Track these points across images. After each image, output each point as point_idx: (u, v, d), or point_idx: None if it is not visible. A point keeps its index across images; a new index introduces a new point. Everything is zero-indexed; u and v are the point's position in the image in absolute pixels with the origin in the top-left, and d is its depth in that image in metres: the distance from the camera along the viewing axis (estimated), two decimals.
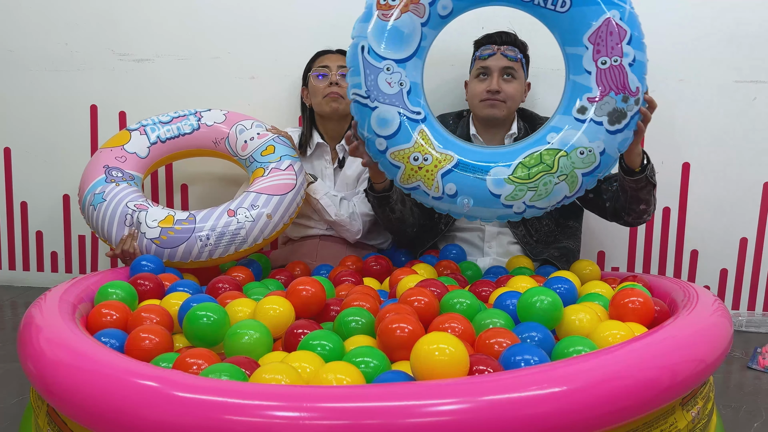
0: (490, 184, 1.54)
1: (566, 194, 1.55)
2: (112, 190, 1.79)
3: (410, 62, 1.55)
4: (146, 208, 1.74)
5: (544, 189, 1.53)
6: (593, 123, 1.52)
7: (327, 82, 1.96)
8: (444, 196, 1.56)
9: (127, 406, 0.85)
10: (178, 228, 1.69)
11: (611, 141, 1.52)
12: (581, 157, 1.52)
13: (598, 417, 0.89)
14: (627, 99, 1.50)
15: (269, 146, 1.91)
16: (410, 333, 1.12)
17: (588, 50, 1.52)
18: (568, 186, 1.54)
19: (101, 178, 1.82)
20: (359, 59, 1.55)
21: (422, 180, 1.56)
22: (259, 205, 1.74)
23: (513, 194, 1.54)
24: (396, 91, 1.54)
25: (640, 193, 1.69)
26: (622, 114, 1.51)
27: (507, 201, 1.54)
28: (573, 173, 1.53)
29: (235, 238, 1.70)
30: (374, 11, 1.54)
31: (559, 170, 1.53)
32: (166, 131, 1.96)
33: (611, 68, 1.50)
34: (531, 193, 1.53)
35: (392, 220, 1.83)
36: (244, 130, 1.96)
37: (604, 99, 1.51)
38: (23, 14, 2.31)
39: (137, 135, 1.94)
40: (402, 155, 1.56)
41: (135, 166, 1.90)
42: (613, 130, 1.52)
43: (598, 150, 1.52)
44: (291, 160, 1.87)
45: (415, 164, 1.55)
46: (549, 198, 1.55)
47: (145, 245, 1.69)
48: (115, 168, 1.86)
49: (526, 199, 1.54)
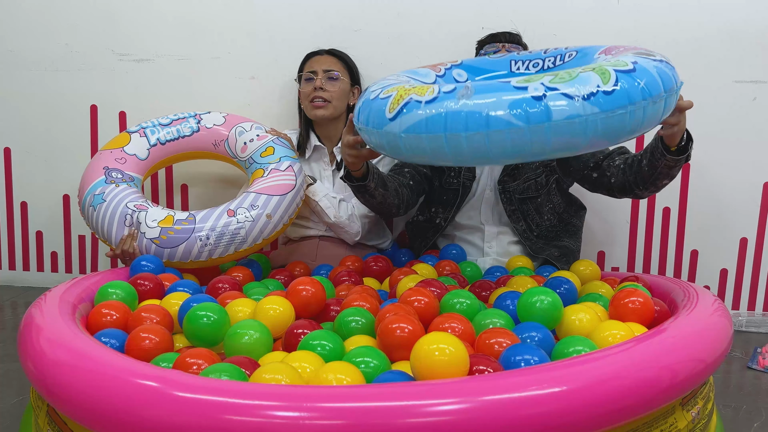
0: (494, 83, 1.20)
1: (599, 83, 1.15)
2: (112, 191, 1.79)
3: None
4: (146, 208, 1.74)
5: (566, 73, 1.17)
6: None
7: (312, 87, 1.96)
8: (440, 95, 1.20)
9: (127, 406, 0.85)
10: (177, 228, 1.69)
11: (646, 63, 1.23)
12: (610, 58, 1.28)
13: (598, 417, 0.89)
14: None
15: (269, 147, 1.91)
16: (410, 333, 1.12)
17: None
18: (598, 75, 1.17)
19: (101, 179, 1.82)
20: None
21: (414, 92, 1.23)
22: (259, 205, 1.74)
23: (526, 79, 1.18)
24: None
25: (672, 170, 1.59)
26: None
27: (519, 83, 1.16)
28: (601, 67, 1.19)
29: (235, 238, 1.70)
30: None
31: (586, 67, 1.20)
32: (165, 133, 1.96)
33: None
34: (549, 77, 1.17)
35: (374, 204, 1.82)
36: (243, 132, 1.96)
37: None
38: (23, 14, 2.31)
39: (137, 137, 1.94)
40: (393, 89, 1.28)
41: (135, 168, 1.90)
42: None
43: (629, 59, 1.22)
44: (290, 161, 1.87)
45: (408, 86, 1.28)
46: (575, 81, 1.15)
47: (144, 245, 1.69)
48: (115, 169, 1.86)
49: (545, 80, 1.16)
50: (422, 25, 2.16)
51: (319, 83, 1.95)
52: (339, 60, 2.01)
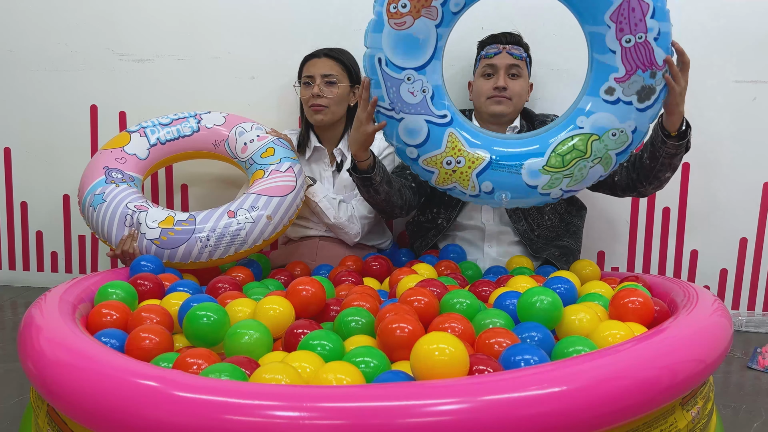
0: (525, 176, 1.56)
1: (601, 174, 1.57)
2: (112, 191, 1.79)
3: (429, 66, 1.53)
4: (146, 209, 1.74)
5: (580, 174, 1.55)
6: (623, 103, 1.50)
7: (310, 93, 1.95)
8: (481, 194, 1.59)
9: (127, 406, 0.85)
10: (178, 229, 1.69)
11: (642, 118, 1.51)
12: (613, 139, 1.53)
13: (598, 417, 0.89)
14: (655, 74, 1.47)
15: (269, 148, 1.91)
16: (410, 333, 1.12)
17: (611, 29, 1.46)
18: (602, 167, 1.56)
19: (101, 179, 1.82)
20: (378, 72, 1.52)
21: (458, 181, 1.58)
22: (259, 206, 1.74)
23: (549, 183, 1.56)
24: (419, 99, 1.53)
25: (674, 159, 1.64)
26: (651, 90, 1.49)
27: (544, 190, 1.57)
28: (607, 155, 1.54)
29: (235, 239, 1.70)
30: (385, 20, 1.48)
31: (593, 154, 1.54)
32: (165, 133, 1.96)
33: (636, 46, 1.46)
34: (567, 180, 1.56)
35: (378, 201, 1.81)
36: (243, 132, 1.96)
37: (632, 78, 1.48)
38: (23, 14, 2.31)
39: (137, 137, 1.94)
40: (434, 161, 1.58)
41: (135, 168, 1.90)
42: (643, 107, 1.50)
43: (629, 129, 1.52)
44: (291, 162, 1.87)
45: (449, 168, 1.57)
46: (585, 181, 1.58)
47: (145, 246, 1.69)
48: (115, 169, 1.86)
49: (563, 186, 1.57)
50: None
51: (317, 90, 1.93)
52: (337, 63, 1.98)
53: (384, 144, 2.02)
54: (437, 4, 1.49)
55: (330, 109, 1.96)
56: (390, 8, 1.47)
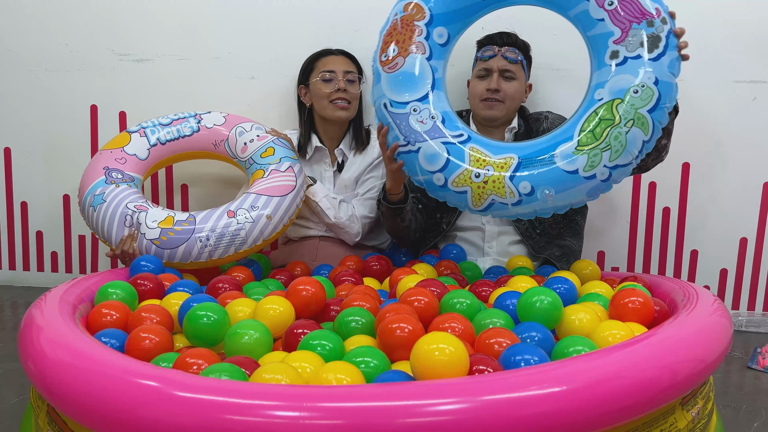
0: (561, 163, 1.47)
1: (643, 139, 1.45)
2: (112, 192, 1.78)
3: (432, 96, 1.58)
4: (146, 209, 1.74)
5: (618, 143, 1.44)
6: (631, 59, 1.46)
7: (334, 87, 1.95)
8: (523, 198, 1.50)
9: (127, 406, 0.85)
10: (177, 229, 1.69)
11: (659, 67, 1.45)
12: (637, 96, 1.44)
13: (598, 417, 0.89)
14: (652, 23, 1.45)
15: (269, 148, 1.91)
16: (410, 333, 1.12)
17: (590, 2, 1.48)
18: (641, 130, 1.44)
19: (101, 180, 1.82)
20: (387, 115, 1.59)
21: (494, 192, 1.51)
22: (259, 206, 1.74)
23: (590, 162, 1.45)
24: (430, 126, 1.56)
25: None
26: (656, 38, 1.44)
27: (586, 172, 1.46)
28: (638, 114, 1.44)
29: (235, 239, 1.70)
30: (380, 70, 1.59)
31: (623, 118, 1.44)
32: (166, 133, 1.96)
33: (620, 3, 1.46)
34: (607, 153, 1.45)
35: (400, 228, 1.85)
36: (243, 132, 1.96)
37: (630, 33, 1.45)
38: (23, 14, 2.31)
39: (137, 137, 1.94)
40: (463, 179, 1.53)
41: (135, 168, 1.90)
42: (654, 56, 1.45)
43: (650, 82, 1.44)
44: (290, 162, 1.87)
45: (479, 180, 1.52)
46: (628, 150, 1.45)
47: (144, 246, 1.69)
48: (115, 169, 1.86)
49: (606, 161, 1.45)
50: None
51: (342, 84, 1.95)
52: (353, 62, 2.02)
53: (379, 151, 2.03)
54: (421, 39, 1.57)
55: (352, 105, 1.98)
56: (381, 58, 1.60)
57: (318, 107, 2.00)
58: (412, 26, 1.57)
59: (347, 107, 1.96)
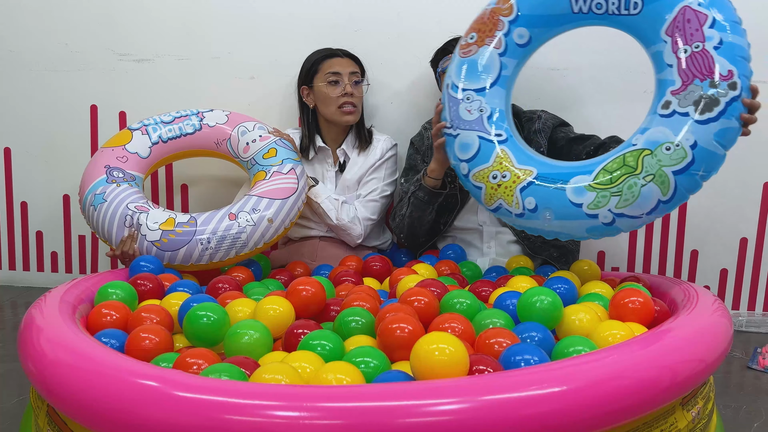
0: (570, 193, 1.44)
1: (660, 198, 1.38)
2: (113, 191, 1.78)
3: (491, 90, 1.61)
4: (147, 210, 1.73)
5: (630, 193, 1.38)
6: (678, 115, 1.37)
7: (341, 91, 1.94)
8: (525, 212, 1.50)
9: (127, 406, 0.85)
10: (179, 231, 1.68)
11: (703, 132, 1.34)
12: (667, 153, 1.36)
13: (598, 417, 0.89)
14: (716, 84, 1.34)
15: (271, 149, 1.90)
16: (410, 333, 1.12)
17: (667, 44, 1.42)
18: (658, 187, 1.37)
19: (102, 179, 1.82)
20: (445, 95, 1.65)
21: (503, 198, 1.53)
22: (261, 209, 1.74)
23: (595, 202, 1.41)
24: (475, 117, 1.60)
25: None
26: (713, 101, 1.34)
27: (590, 210, 1.42)
28: (661, 172, 1.36)
29: (236, 242, 1.70)
30: (457, 52, 1.65)
31: (644, 170, 1.37)
32: (167, 131, 1.95)
33: (693, 55, 1.38)
34: (615, 198, 1.39)
35: (424, 222, 1.85)
36: (246, 131, 1.95)
37: (688, 88, 1.36)
38: (23, 14, 2.31)
39: (139, 135, 1.93)
40: (482, 175, 1.57)
41: (136, 167, 1.89)
42: (703, 119, 1.34)
43: (687, 144, 1.35)
44: (293, 164, 1.87)
45: (494, 182, 1.55)
46: (638, 203, 1.38)
47: (145, 247, 1.69)
48: (116, 168, 1.85)
49: (612, 206, 1.40)
50: (422, 25, 2.16)
51: (349, 89, 1.94)
52: (357, 63, 2.01)
53: (388, 145, 2.03)
54: (500, 35, 1.60)
55: (358, 108, 1.98)
56: (461, 42, 1.65)
57: (324, 110, 1.99)
58: (496, 20, 1.60)
59: (354, 111, 1.96)
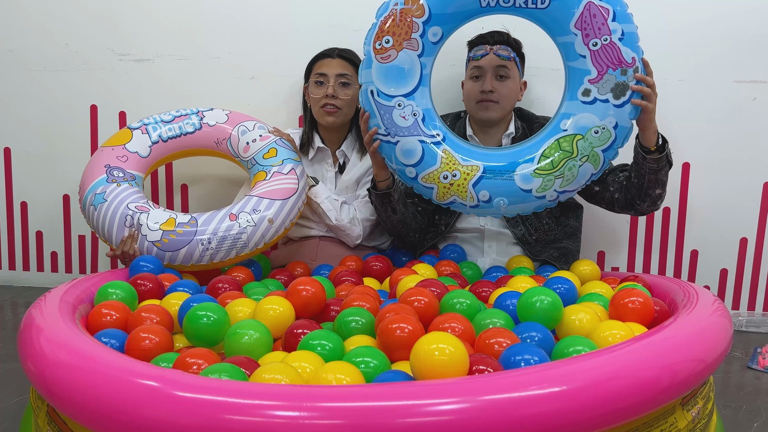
0: (518, 181, 1.63)
1: (592, 172, 1.64)
2: (113, 191, 1.78)
3: (417, 92, 1.64)
4: (147, 210, 1.73)
5: (570, 174, 1.63)
6: (599, 102, 1.60)
7: (323, 92, 1.94)
8: (480, 203, 1.67)
9: (127, 406, 0.85)
10: (179, 231, 1.68)
11: (621, 114, 1.60)
12: (596, 136, 1.61)
13: (598, 417, 0.89)
14: (625, 71, 1.57)
15: (271, 149, 1.90)
16: (410, 333, 1.12)
17: (577, 36, 1.58)
18: (592, 165, 1.63)
19: (102, 178, 1.81)
20: (372, 103, 1.65)
21: (457, 194, 1.66)
22: (261, 209, 1.74)
23: (543, 185, 1.63)
24: (411, 122, 1.65)
25: (659, 174, 1.71)
26: (624, 86, 1.58)
27: (539, 193, 1.64)
28: (593, 152, 1.62)
29: (237, 242, 1.70)
30: (373, 56, 1.63)
31: (580, 153, 1.62)
32: (167, 130, 1.94)
33: (603, 47, 1.57)
34: (559, 180, 1.63)
35: (394, 222, 1.84)
36: (246, 131, 1.95)
37: (604, 77, 1.58)
38: (23, 14, 2.31)
39: (139, 134, 1.93)
40: (432, 177, 1.66)
41: (136, 166, 1.89)
42: (619, 103, 1.59)
43: (611, 125, 1.60)
44: (293, 164, 1.87)
45: (446, 182, 1.65)
46: (577, 180, 1.64)
47: (146, 247, 1.69)
48: (116, 168, 1.85)
49: (557, 187, 1.64)
50: None
51: (331, 90, 1.93)
52: (350, 64, 1.98)
53: None
54: (417, 36, 1.62)
55: (343, 111, 1.96)
56: (376, 45, 1.63)
57: (313, 110, 2.00)
58: (410, 22, 1.61)
59: (334, 112, 1.94)
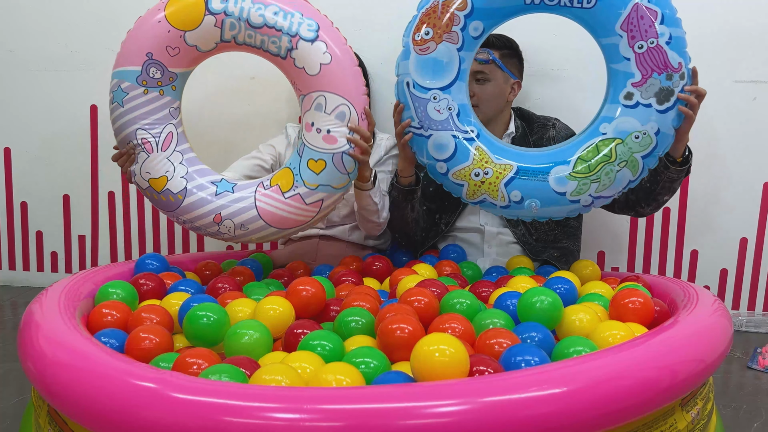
0: (553, 183, 1.59)
1: (630, 179, 1.59)
2: (135, 99, 1.55)
3: (454, 87, 1.61)
4: (150, 150, 1.59)
5: (607, 178, 1.57)
6: (642, 106, 1.55)
7: None
8: (511, 204, 1.62)
9: (127, 407, 0.85)
10: (163, 198, 1.61)
11: (663, 120, 1.55)
12: (637, 141, 1.56)
13: (598, 417, 0.89)
14: (671, 76, 1.53)
15: (320, 161, 1.60)
16: (410, 333, 1.12)
17: (622, 38, 1.54)
18: (630, 171, 1.57)
19: (135, 70, 1.55)
20: (407, 95, 1.62)
21: (487, 193, 1.62)
22: None
23: (578, 189, 1.59)
24: (445, 116, 1.61)
25: (674, 183, 1.70)
26: (669, 92, 1.54)
27: (573, 197, 1.59)
28: (632, 158, 1.56)
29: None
30: (411, 47, 1.60)
31: (618, 158, 1.56)
32: (247, 36, 1.59)
33: (649, 50, 1.52)
34: (595, 184, 1.58)
35: (409, 220, 1.83)
36: (320, 107, 1.59)
37: (648, 81, 1.53)
38: (23, 14, 2.31)
39: (210, 22, 1.56)
40: (463, 174, 1.62)
41: (184, 62, 1.59)
42: (663, 109, 1.54)
43: (652, 131, 1.55)
44: (325, 193, 1.63)
45: (477, 179, 1.61)
46: (614, 186, 1.59)
47: (136, 181, 1.62)
48: (156, 63, 1.55)
49: (592, 192, 1.59)
50: None
51: None
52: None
53: (390, 143, 2.02)
54: (457, 30, 1.58)
55: None
56: (415, 37, 1.60)
57: None
58: (452, 15, 1.59)
59: None
